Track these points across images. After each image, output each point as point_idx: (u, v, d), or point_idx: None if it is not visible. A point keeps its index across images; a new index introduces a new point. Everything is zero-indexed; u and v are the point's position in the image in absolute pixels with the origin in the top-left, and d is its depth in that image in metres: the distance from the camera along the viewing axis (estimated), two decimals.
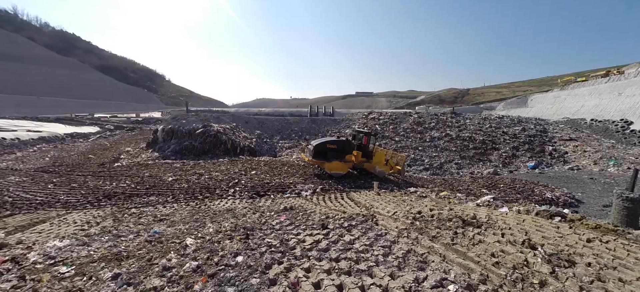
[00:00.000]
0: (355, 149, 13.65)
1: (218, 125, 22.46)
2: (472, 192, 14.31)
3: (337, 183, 12.47)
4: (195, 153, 20.52)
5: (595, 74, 46.93)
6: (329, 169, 13.12)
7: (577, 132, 28.04)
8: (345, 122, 29.64)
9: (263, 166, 16.23)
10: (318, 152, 13.09)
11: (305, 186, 11.54)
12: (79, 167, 17.40)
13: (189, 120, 22.70)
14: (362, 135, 14.26)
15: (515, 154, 23.33)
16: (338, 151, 13.40)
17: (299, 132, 27.54)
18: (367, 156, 13.89)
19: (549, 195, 14.60)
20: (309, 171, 14.91)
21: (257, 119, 28.30)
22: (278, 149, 24.30)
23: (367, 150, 13.95)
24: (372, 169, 14.03)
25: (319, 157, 13.10)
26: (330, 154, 13.27)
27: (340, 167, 13.31)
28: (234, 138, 22.07)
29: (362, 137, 14.20)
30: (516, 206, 7.65)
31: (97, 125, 42.04)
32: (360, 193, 11.02)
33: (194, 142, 20.97)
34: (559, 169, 21.03)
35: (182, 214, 8.35)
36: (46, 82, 73.76)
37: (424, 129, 27.42)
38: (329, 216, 6.51)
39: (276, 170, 15.22)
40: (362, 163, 13.93)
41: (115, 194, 11.37)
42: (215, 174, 14.19)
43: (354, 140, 14.29)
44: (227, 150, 21.04)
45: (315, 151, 13.02)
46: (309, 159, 13.28)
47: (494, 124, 28.04)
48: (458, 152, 23.42)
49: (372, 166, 13.93)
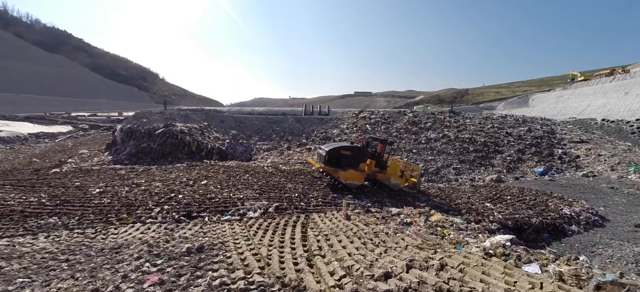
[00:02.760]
0: (369, 158, 12.02)
1: (183, 124, 19.70)
2: (473, 207, 11.64)
3: (296, 202, 9.71)
4: (154, 156, 17.78)
5: (599, 73, 44.97)
6: (344, 178, 11.17)
7: (587, 133, 25.38)
8: (334, 122, 26.90)
9: (221, 174, 13.51)
10: (331, 159, 11.34)
11: (256, 204, 8.84)
12: (10, 173, 14.67)
13: (151, 118, 19.93)
14: (376, 143, 12.62)
15: (521, 158, 20.66)
16: (352, 158, 11.72)
17: (281, 133, 24.79)
18: (381, 166, 12.30)
19: (567, 211, 11.93)
20: (272, 181, 12.20)
21: (235, 118, 25.53)
22: (255, 151, 21.57)
23: (382, 159, 12.34)
24: (386, 181, 12.34)
25: (332, 165, 11.36)
26: (344, 161, 11.51)
27: (356, 177, 11.43)
28: (201, 139, 19.32)
29: (376, 145, 12.55)
30: (552, 262, 4.54)
31: (71, 124, 39.28)
32: (324, 216, 8.31)
33: (152, 143, 18.21)
34: (571, 176, 18.37)
35: (46, 252, 5.64)
36: (29, 79, 70.74)
37: (420, 129, 24.72)
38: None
39: (234, 179, 12.50)
40: (375, 174, 12.27)
41: (11, 213, 8.72)
42: (155, 185, 11.47)
43: (368, 148, 12.63)
44: (192, 152, 18.30)
45: (328, 157, 11.29)
46: (321, 166, 11.68)
47: (496, 124, 25.36)
48: (457, 155, 20.74)
49: (387, 177, 12.29)
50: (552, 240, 10.26)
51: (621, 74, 40.58)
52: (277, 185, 11.56)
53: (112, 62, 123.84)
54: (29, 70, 75.76)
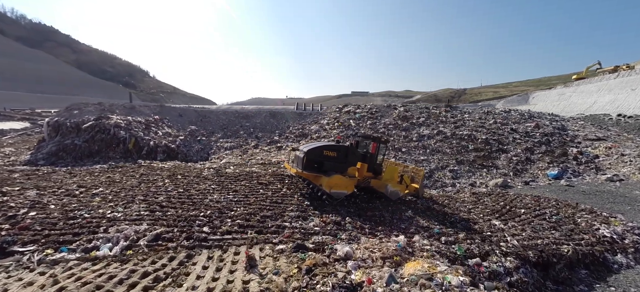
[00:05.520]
0: (360, 160, 9.57)
1: (122, 117, 16.20)
2: (476, 227, 8.28)
3: (199, 227, 6.30)
4: (77, 155, 14.28)
5: (602, 70, 42.88)
6: (328, 186, 8.49)
7: (602, 130, 22.17)
8: (313, 117, 23.48)
9: (137, 178, 10.04)
10: (311, 162, 8.65)
11: (127, 230, 5.45)
12: None
13: (85, 110, 16.43)
14: (368, 142, 10.09)
15: (530, 158, 17.35)
16: (338, 161, 9.04)
17: (250, 129, 21.34)
18: (375, 171, 9.84)
19: (605, 231, 8.57)
20: (193, 191, 8.73)
21: (197, 113, 22.05)
22: (214, 150, 18.11)
23: (375, 162, 9.87)
24: (381, 189, 9.81)
25: (312, 169, 8.69)
26: (329, 164, 8.84)
27: (344, 184, 8.80)
28: (143, 135, 15.84)
29: (368, 144, 10.03)
30: None
31: (30, 121, 35.63)
32: (224, 255, 4.87)
33: (78, 140, 14.72)
34: (592, 180, 15.06)
35: None
36: (2, 75, 66.77)
37: (411, 125, 21.36)
38: None
39: (145, 185, 9.05)
40: (368, 180, 9.73)
41: None
42: (28, 194, 8.00)
43: (358, 149, 10.12)
44: (128, 151, 14.84)
45: (307, 160, 8.57)
46: (297, 171, 9.01)
47: (499, 120, 22.06)
48: (454, 155, 17.41)
49: (382, 184, 9.80)
50: (592, 279, 6.95)
51: (626, 70, 38.76)
52: (194, 196, 8.12)
53: (99, 59, 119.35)
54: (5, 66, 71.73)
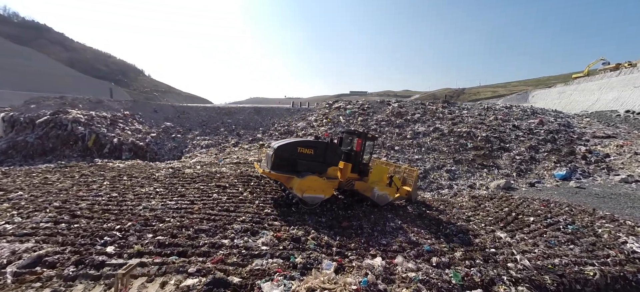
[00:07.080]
0: (342, 160, 8.37)
1: (83, 112, 14.56)
2: (477, 241, 6.75)
3: (102, 246, 4.75)
4: (28, 153, 12.66)
5: (603, 68, 41.87)
6: (300, 189, 7.24)
7: (611, 127, 20.71)
8: (301, 114, 21.91)
9: (71, 180, 8.44)
10: (282, 160, 7.39)
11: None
12: None
13: (43, 104, 14.79)
14: (352, 138, 8.81)
15: (534, 157, 15.84)
16: (316, 159, 7.68)
17: (232, 126, 19.74)
18: (361, 171, 8.55)
19: (634, 246, 7.07)
20: (128, 196, 7.14)
21: (175, 109, 20.45)
22: (189, 148, 16.51)
23: (360, 161, 8.57)
24: (367, 193, 8.49)
25: (283, 169, 7.39)
26: (303, 164, 7.51)
27: (320, 187, 7.54)
28: (107, 131, 14.22)
29: (352, 140, 8.75)
30: None
31: None
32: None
33: (30, 136, 13.08)
34: (604, 182, 13.54)
35: None
36: None
37: (405, 121, 19.83)
38: None
39: (71, 189, 7.46)
40: (352, 182, 8.39)
41: None
42: None
43: (342, 146, 8.92)
44: (87, 148, 13.22)
45: (276, 159, 7.33)
46: (264, 171, 7.65)
47: (500, 116, 20.54)
48: (451, 154, 15.88)
49: (368, 186, 8.49)
50: None
51: (628, 68, 37.86)
52: (126, 203, 6.54)
53: (93, 57, 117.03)
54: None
